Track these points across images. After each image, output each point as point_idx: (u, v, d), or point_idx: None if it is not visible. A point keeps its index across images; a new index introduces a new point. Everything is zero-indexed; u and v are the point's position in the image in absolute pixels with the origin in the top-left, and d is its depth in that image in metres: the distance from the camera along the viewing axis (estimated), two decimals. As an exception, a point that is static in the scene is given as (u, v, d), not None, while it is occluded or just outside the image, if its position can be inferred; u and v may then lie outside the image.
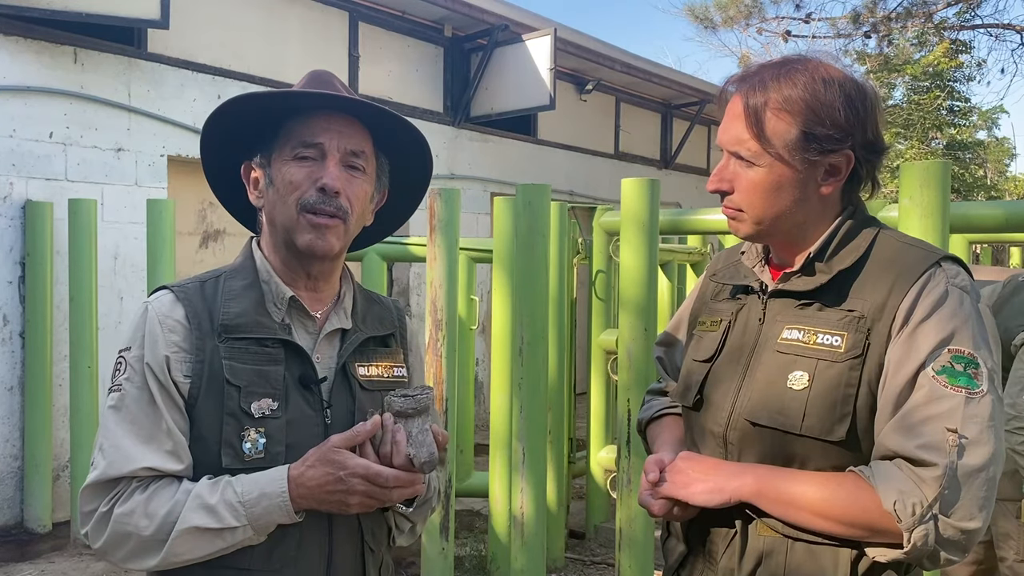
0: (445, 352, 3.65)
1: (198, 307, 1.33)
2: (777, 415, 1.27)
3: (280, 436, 1.30)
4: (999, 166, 20.88)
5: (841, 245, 1.30)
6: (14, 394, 5.12)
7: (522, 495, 3.57)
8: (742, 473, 1.27)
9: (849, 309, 1.26)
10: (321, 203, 1.32)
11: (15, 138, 5.07)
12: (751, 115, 1.27)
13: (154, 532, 1.23)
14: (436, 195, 3.64)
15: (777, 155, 1.27)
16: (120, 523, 1.24)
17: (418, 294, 7.63)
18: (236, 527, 1.24)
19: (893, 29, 12.69)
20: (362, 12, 7.25)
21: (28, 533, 5.02)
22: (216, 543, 1.24)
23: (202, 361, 1.30)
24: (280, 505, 1.24)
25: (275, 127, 1.37)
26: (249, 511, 1.24)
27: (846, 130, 1.25)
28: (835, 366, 1.24)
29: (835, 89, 1.25)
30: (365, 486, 1.24)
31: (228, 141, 1.42)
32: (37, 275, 5.05)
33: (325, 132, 1.34)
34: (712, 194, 1.36)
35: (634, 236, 3.31)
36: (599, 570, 4.52)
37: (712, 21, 14.25)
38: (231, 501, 1.24)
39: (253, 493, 1.24)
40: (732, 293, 1.43)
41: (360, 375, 1.40)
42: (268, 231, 1.41)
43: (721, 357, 1.39)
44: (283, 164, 1.35)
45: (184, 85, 5.91)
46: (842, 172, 1.29)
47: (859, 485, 1.18)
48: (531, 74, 7.59)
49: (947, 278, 1.24)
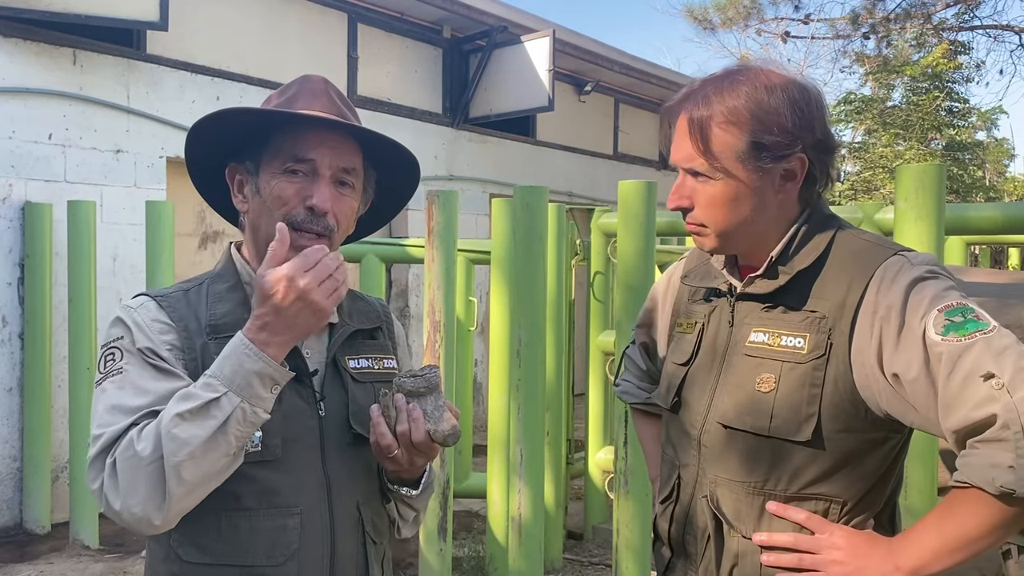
0: (443, 353, 3.65)
1: (183, 312, 1.32)
2: (747, 417, 1.28)
3: (277, 429, 1.28)
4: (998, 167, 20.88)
5: (801, 246, 1.31)
6: (13, 395, 5.12)
7: (520, 496, 3.58)
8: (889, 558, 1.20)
9: (811, 310, 1.27)
10: (308, 222, 1.32)
11: (14, 139, 5.07)
12: (697, 131, 1.28)
13: (152, 447, 1.16)
14: (434, 197, 3.64)
15: (728, 168, 1.27)
16: (124, 459, 1.17)
17: (417, 295, 7.64)
18: (217, 396, 1.17)
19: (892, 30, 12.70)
20: (361, 13, 7.25)
21: (27, 534, 5.03)
22: (208, 422, 1.16)
23: (195, 359, 1.29)
24: (245, 353, 1.18)
25: (265, 135, 1.36)
26: (220, 376, 1.18)
27: (794, 134, 1.25)
28: (799, 367, 1.25)
29: (778, 95, 1.25)
30: (307, 276, 1.18)
31: (215, 141, 1.41)
32: (36, 276, 5.06)
33: (318, 149, 1.33)
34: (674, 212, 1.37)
35: (632, 237, 3.32)
36: (597, 571, 4.52)
37: (711, 22, 14.25)
38: (202, 382, 1.19)
39: (216, 363, 1.20)
40: (705, 295, 1.44)
41: (351, 368, 1.40)
42: (250, 236, 1.40)
43: (696, 360, 1.40)
44: (272, 176, 1.33)
45: (183, 86, 5.92)
46: (797, 176, 1.29)
47: (967, 493, 1.13)
48: (530, 75, 7.60)
49: (905, 260, 1.23)
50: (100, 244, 5.14)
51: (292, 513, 1.29)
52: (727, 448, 1.32)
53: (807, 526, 1.26)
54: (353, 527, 1.37)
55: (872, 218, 3.62)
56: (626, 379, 1.75)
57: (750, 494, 1.30)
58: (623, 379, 1.76)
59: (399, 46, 7.66)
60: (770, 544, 1.27)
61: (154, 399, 1.22)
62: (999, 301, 3.03)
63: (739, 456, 1.30)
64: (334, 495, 1.35)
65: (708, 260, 1.45)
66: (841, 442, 1.25)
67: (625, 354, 1.75)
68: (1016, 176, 21.06)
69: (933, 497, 2.65)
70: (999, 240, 7.10)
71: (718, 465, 1.33)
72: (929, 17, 12.51)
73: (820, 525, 1.26)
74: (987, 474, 1.09)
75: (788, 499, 1.28)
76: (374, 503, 1.42)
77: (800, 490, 1.27)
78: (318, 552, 1.32)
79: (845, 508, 1.28)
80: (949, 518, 1.16)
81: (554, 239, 4.35)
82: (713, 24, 14.24)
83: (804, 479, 1.27)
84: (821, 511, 1.27)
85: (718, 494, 1.33)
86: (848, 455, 1.26)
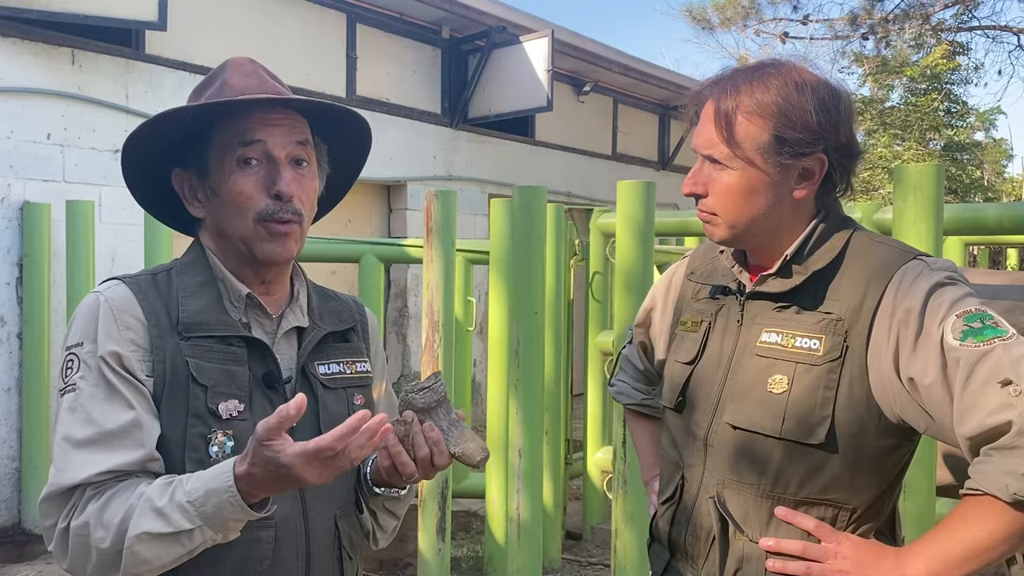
0: (442, 353, 3.65)
1: (154, 302, 1.25)
2: (758, 419, 1.27)
3: (248, 439, 1.18)
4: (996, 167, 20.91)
5: (816, 246, 1.30)
6: (11, 395, 5.12)
7: (519, 496, 3.58)
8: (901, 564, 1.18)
9: (826, 312, 1.25)
10: (279, 211, 1.26)
11: (13, 139, 5.07)
12: (722, 119, 1.27)
13: (111, 544, 1.12)
14: (433, 196, 3.65)
15: (749, 158, 1.26)
16: (78, 536, 1.14)
17: (416, 295, 7.64)
18: (191, 529, 1.11)
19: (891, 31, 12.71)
20: (360, 14, 7.25)
21: (25, 534, 5.02)
22: (175, 548, 1.12)
23: (163, 361, 1.21)
24: (230, 501, 1.10)
25: (206, 131, 1.28)
26: (200, 510, 1.11)
27: (818, 133, 1.24)
28: (814, 369, 1.23)
29: (808, 93, 1.24)
30: (316, 465, 1.09)
31: (154, 152, 1.33)
32: (35, 276, 5.05)
33: (264, 128, 1.26)
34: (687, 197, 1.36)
35: (630, 238, 3.32)
36: (595, 571, 4.52)
37: (710, 22, 14.26)
38: (180, 502, 1.11)
39: (199, 491, 1.11)
40: (711, 293, 1.42)
41: (321, 374, 1.33)
42: (216, 240, 1.33)
43: (703, 360, 1.38)
44: (227, 173, 1.26)
45: (182, 86, 5.91)
46: (815, 176, 1.28)
47: (980, 501, 1.11)
48: (528, 75, 7.60)
49: (923, 266, 1.23)
50: (98, 244, 5.14)
51: (266, 525, 1.22)
52: (736, 449, 1.30)
53: (815, 534, 1.24)
54: (330, 542, 1.32)
55: (871, 218, 3.62)
56: (621, 379, 1.74)
57: (759, 497, 1.28)
58: (618, 379, 1.75)
59: (398, 46, 7.66)
60: (777, 550, 1.25)
61: (98, 434, 1.16)
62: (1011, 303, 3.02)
63: (748, 458, 1.29)
64: (309, 508, 1.29)
65: (715, 258, 1.43)
66: (854, 447, 1.23)
67: (621, 354, 1.74)
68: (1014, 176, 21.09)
69: (932, 499, 2.65)
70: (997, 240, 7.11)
71: (726, 466, 1.31)
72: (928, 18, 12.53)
73: (828, 534, 1.24)
74: (1001, 481, 1.07)
75: (797, 503, 1.26)
76: (350, 517, 1.37)
77: (810, 494, 1.26)
78: (292, 569, 1.27)
79: (854, 515, 1.26)
80: (960, 527, 1.13)
81: (553, 239, 4.35)
82: (712, 24, 14.25)
83: (814, 483, 1.25)
84: (830, 517, 1.26)
85: (725, 496, 1.31)
86: (860, 461, 1.24)
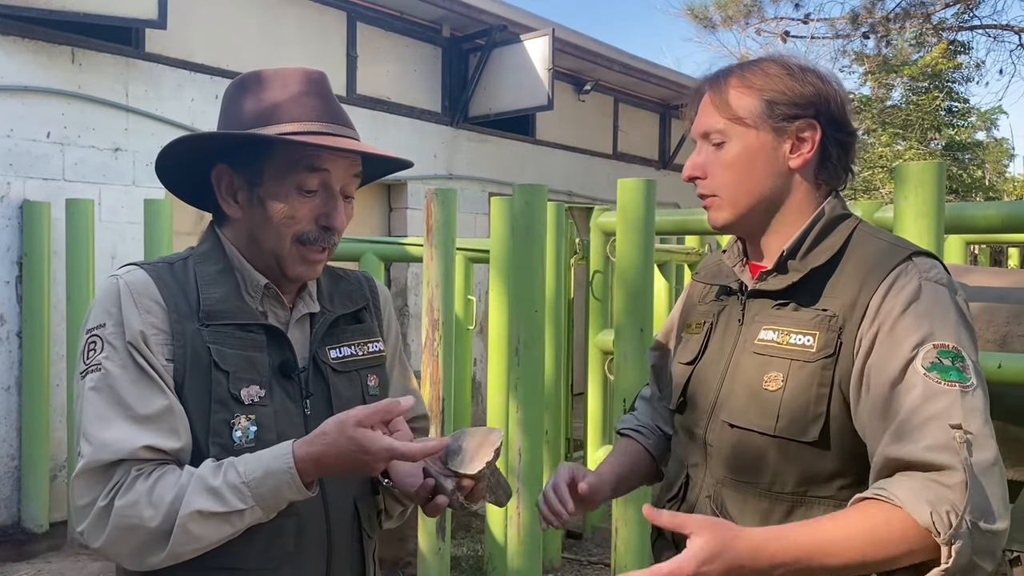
0: (442, 352, 3.65)
1: (172, 288, 1.26)
2: (753, 416, 1.27)
3: (271, 424, 1.25)
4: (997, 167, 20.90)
5: (816, 242, 1.30)
6: (11, 394, 5.12)
7: (519, 495, 3.58)
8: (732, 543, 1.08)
9: (823, 308, 1.25)
10: (320, 239, 1.30)
11: (12, 138, 5.07)
12: (716, 95, 1.33)
13: (161, 522, 1.14)
14: (433, 195, 3.64)
15: (743, 123, 1.30)
16: (123, 516, 1.14)
17: (416, 294, 7.64)
18: (243, 509, 1.15)
19: (891, 30, 12.69)
20: (360, 12, 7.25)
21: (25, 533, 5.03)
22: (224, 528, 1.16)
23: (183, 346, 1.23)
24: (288, 482, 1.15)
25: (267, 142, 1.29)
26: (255, 491, 1.15)
27: (809, 99, 1.29)
28: (807, 366, 1.23)
29: (796, 70, 1.31)
30: (387, 462, 1.20)
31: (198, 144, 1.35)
32: (34, 275, 5.05)
33: (332, 159, 1.29)
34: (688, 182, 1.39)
35: (631, 237, 3.32)
36: (596, 570, 4.52)
37: (711, 21, 14.25)
38: (234, 482, 1.15)
39: (257, 472, 1.15)
40: (716, 294, 1.44)
41: (332, 359, 1.36)
42: (245, 240, 1.34)
43: (703, 359, 1.39)
44: (284, 192, 1.28)
45: (182, 85, 5.91)
46: (810, 145, 1.30)
47: (881, 508, 1.09)
48: (529, 74, 7.59)
49: (919, 272, 1.22)
50: (98, 243, 5.13)
51: (289, 514, 1.24)
52: (733, 448, 1.30)
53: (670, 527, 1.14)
54: (349, 523, 1.35)
55: (871, 217, 3.61)
56: (629, 413, 1.72)
57: (756, 495, 1.28)
58: (629, 413, 1.73)
59: (398, 45, 7.65)
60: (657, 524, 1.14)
61: (131, 416, 1.18)
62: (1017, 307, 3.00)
63: (745, 457, 1.29)
64: (329, 495, 1.32)
65: (719, 259, 1.45)
66: (848, 444, 1.23)
67: (638, 395, 1.73)
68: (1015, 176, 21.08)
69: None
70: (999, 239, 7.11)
71: (724, 465, 1.32)
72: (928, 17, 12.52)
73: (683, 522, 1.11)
74: (922, 505, 1.06)
75: (794, 501, 1.26)
76: (368, 498, 1.41)
77: (807, 493, 1.25)
78: (316, 553, 1.30)
79: None
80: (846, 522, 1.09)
81: (553, 238, 4.35)
82: (713, 22, 14.24)
83: (810, 481, 1.25)
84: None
85: (724, 495, 1.32)
86: (855, 457, 1.23)
